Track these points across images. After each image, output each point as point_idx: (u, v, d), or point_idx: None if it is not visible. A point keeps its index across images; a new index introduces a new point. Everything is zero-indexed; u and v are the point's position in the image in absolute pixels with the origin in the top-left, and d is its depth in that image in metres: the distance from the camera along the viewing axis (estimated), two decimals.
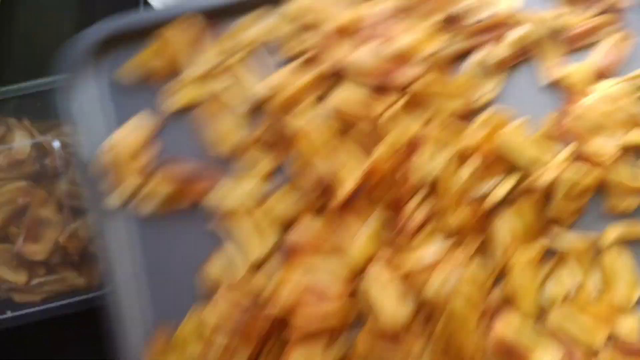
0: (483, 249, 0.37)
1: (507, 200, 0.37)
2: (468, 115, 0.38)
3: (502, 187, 0.37)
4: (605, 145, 0.37)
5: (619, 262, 0.37)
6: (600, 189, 0.38)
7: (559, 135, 0.38)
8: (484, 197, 0.37)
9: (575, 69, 0.39)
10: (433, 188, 0.37)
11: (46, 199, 0.47)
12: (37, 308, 0.44)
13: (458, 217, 0.37)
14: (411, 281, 0.36)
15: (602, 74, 0.39)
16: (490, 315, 0.35)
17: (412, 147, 0.38)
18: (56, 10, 0.55)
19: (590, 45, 0.40)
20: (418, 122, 0.38)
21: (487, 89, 0.39)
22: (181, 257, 0.37)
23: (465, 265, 0.35)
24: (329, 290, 0.35)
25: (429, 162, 0.37)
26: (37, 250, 0.46)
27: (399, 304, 0.35)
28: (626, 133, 0.38)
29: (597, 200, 0.38)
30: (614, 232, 0.37)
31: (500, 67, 0.40)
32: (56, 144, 0.48)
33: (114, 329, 0.36)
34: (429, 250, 0.36)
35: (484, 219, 0.37)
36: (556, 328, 0.35)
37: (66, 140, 0.48)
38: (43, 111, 0.49)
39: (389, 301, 0.35)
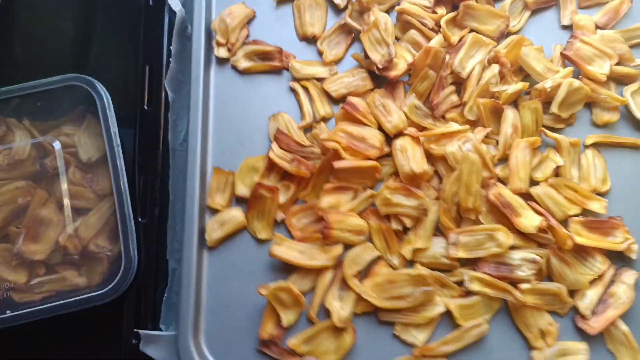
0: (492, 136, 0.48)
1: (516, 103, 0.49)
2: (499, 37, 0.51)
3: (514, 87, 0.47)
4: (599, 69, 0.49)
5: (595, 161, 0.48)
6: (588, 106, 0.50)
7: (565, 59, 0.50)
8: (500, 93, 0.48)
9: (583, 16, 0.51)
10: (462, 83, 0.49)
11: (46, 199, 0.47)
12: (36, 307, 0.44)
13: (478, 106, 0.48)
14: (433, 149, 0.47)
15: (602, 25, 0.51)
16: (489, 185, 0.46)
17: (453, 49, 0.49)
18: (56, 10, 0.55)
19: (599, 4, 0.53)
20: (460, 33, 0.50)
21: (517, 21, 0.52)
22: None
23: (477, 142, 0.46)
24: (371, 141, 0.47)
25: (464, 62, 0.49)
26: (37, 250, 0.46)
27: (423, 160, 0.46)
28: (613, 65, 0.49)
29: (584, 115, 0.50)
30: (594, 137, 0.49)
31: (529, 7, 0.52)
32: (56, 144, 0.48)
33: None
34: (451, 126, 0.47)
35: (497, 112, 0.48)
36: (538, 200, 0.46)
37: (66, 140, 0.48)
38: (43, 111, 0.49)
39: (415, 156, 0.46)
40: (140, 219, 0.49)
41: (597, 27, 0.51)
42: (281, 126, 0.49)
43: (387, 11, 0.52)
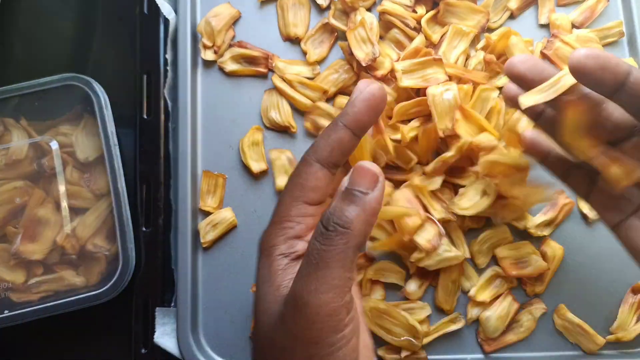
0: None
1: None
2: (480, 32, 0.51)
3: (504, 79, 0.49)
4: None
5: None
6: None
7: (544, 57, 0.50)
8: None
9: (560, 16, 0.51)
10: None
11: (44, 199, 0.47)
12: (34, 307, 0.45)
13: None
14: None
15: (578, 25, 0.52)
16: None
17: (436, 44, 0.50)
18: (56, 10, 0.54)
19: (576, 3, 0.53)
20: (441, 31, 0.50)
21: (499, 17, 0.52)
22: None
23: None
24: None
25: (448, 54, 0.49)
26: (35, 250, 0.46)
27: None
28: None
29: None
30: None
31: (513, 15, 0.53)
32: (53, 143, 0.48)
33: None
34: None
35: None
36: None
37: (63, 139, 0.48)
38: (40, 111, 0.49)
39: None
40: (144, 228, 0.49)
41: (574, 26, 0.52)
42: (274, 101, 0.50)
43: (369, 9, 0.52)
